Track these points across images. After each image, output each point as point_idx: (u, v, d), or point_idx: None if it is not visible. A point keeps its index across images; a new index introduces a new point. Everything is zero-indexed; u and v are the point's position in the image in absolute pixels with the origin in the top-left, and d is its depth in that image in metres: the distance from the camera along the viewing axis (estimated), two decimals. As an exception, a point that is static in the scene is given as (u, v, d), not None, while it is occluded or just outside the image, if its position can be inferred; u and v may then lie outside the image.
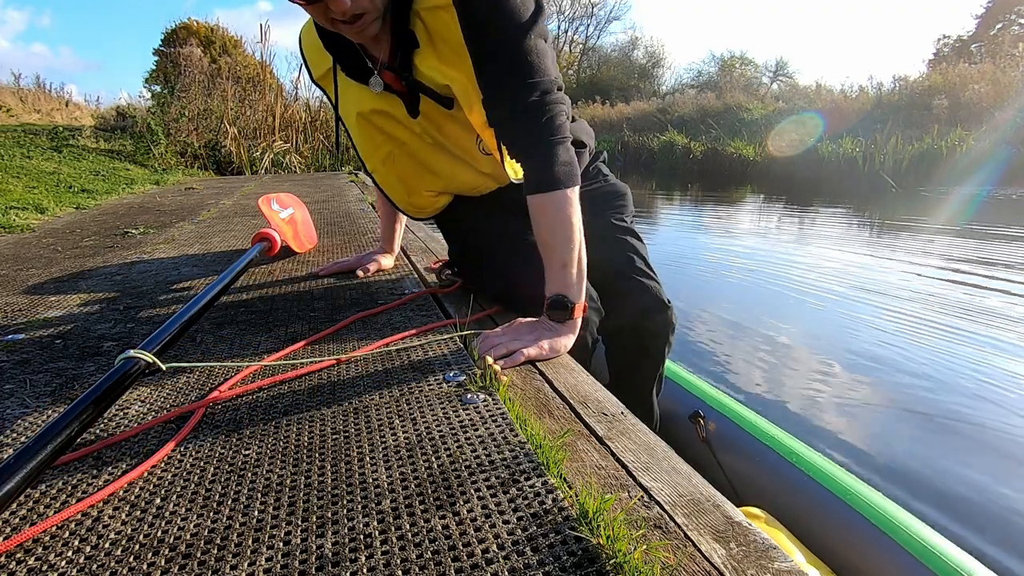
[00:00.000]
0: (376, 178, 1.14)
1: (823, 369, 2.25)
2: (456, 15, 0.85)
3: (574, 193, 0.88)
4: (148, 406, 0.75)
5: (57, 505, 0.55)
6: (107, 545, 0.49)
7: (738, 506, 0.53)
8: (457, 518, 0.50)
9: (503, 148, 0.95)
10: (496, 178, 1.08)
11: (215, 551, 0.48)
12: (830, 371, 2.23)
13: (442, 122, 1.00)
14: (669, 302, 1.18)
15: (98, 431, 0.68)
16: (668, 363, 1.37)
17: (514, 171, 1.03)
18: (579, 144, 1.13)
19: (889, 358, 2.34)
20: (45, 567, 0.47)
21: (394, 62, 0.93)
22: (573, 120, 1.13)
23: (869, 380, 2.15)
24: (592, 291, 1.04)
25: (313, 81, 1.12)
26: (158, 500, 0.55)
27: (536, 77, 0.86)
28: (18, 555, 0.48)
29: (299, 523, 0.51)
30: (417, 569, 0.45)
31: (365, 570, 0.45)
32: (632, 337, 1.20)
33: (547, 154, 0.87)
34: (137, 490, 0.57)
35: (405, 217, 1.39)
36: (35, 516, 0.53)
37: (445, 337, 0.93)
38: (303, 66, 1.12)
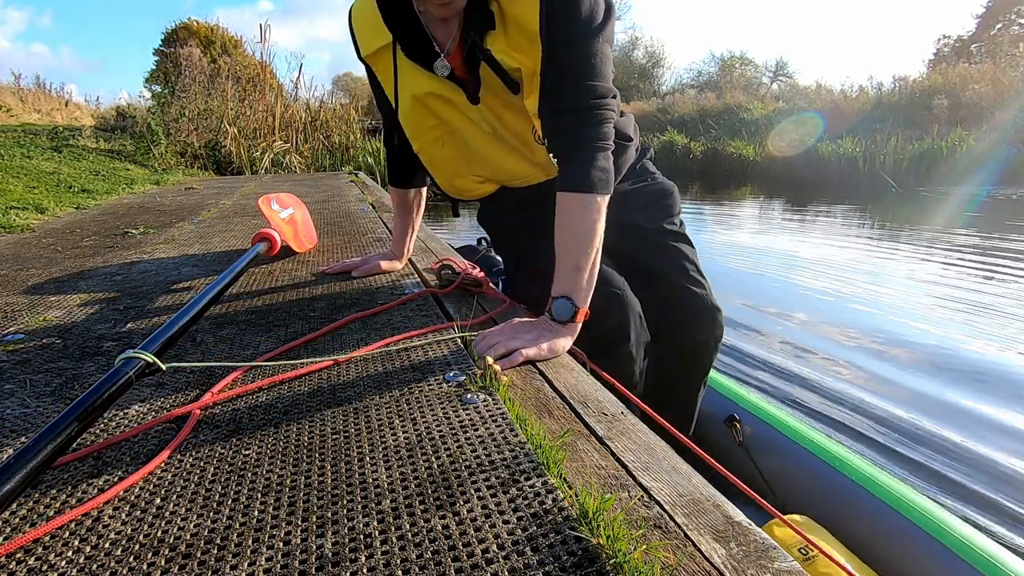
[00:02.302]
0: (422, 157, 1.14)
1: (857, 371, 2.26)
2: (539, 4, 0.86)
3: (604, 201, 0.89)
4: (148, 406, 0.75)
5: (57, 506, 0.55)
6: (107, 545, 0.49)
7: (779, 509, 0.53)
8: (457, 518, 0.50)
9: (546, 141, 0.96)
10: (546, 169, 1.08)
11: (215, 551, 0.48)
12: (863, 373, 2.24)
13: (501, 110, 1.01)
14: (719, 308, 1.20)
15: (98, 431, 0.68)
16: None
17: None
18: (625, 138, 1.14)
19: (922, 357, 2.36)
20: (45, 567, 0.47)
21: (465, 43, 0.94)
22: (621, 115, 1.14)
23: (902, 380, 2.17)
24: (639, 308, 1.05)
25: (360, 58, 1.10)
26: (158, 500, 0.55)
27: (596, 81, 0.88)
28: (18, 555, 0.48)
29: (299, 523, 0.51)
30: (417, 569, 0.45)
31: (365, 570, 0.45)
32: (683, 347, 1.21)
33: (587, 157, 0.89)
34: (137, 490, 0.57)
35: (418, 223, 1.39)
36: (35, 516, 0.53)
37: (445, 338, 0.93)
38: (352, 42, 1.10)
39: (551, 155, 0.96)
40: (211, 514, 0.52)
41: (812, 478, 1.19)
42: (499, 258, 1.76)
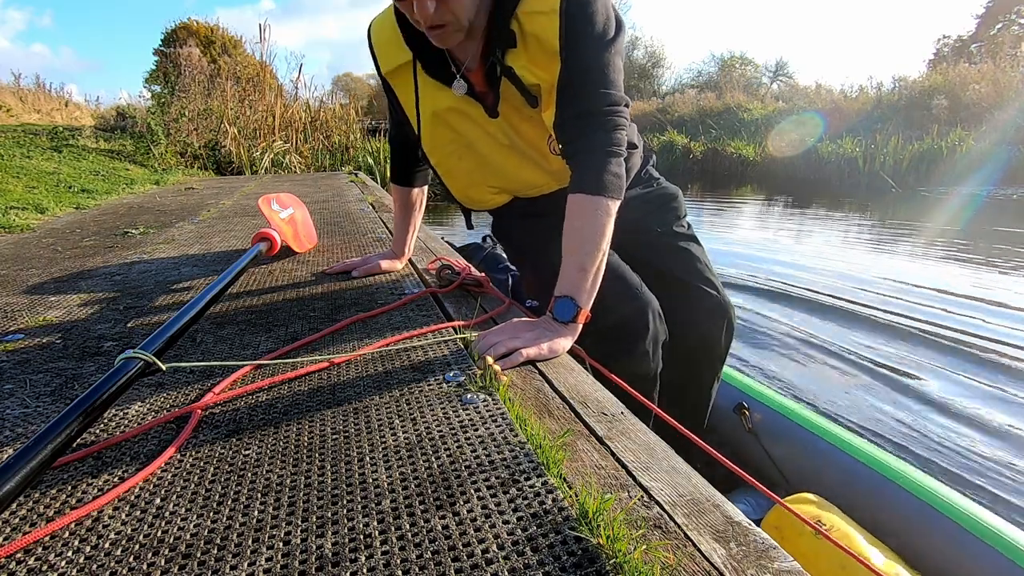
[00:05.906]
0: (439, 170, 1.16)
1: (857, 359, 2.32)
2: (559, 22, 0.90)
3: (614, 206, 0.91)
4: (148, 406, 0.75)
5: (57, 506, 0.55)
6: (107, 545, 0.49)
7: (788, 492, 0.53)
8: (457, 518, 0.50)
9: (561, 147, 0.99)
10: (559, 178, 1.10)
11: (215, 551, 0.48)
12: (863, 361, 2.30)
13: (519, 122, 1.04)
14: (731, 305, 1.23)
15: (98, 431, 0.68)
16: None
17: None
18: (631, 145, 1.17)
19: (920, 344, 2.42)
20: (45, 567, 0.47)
21: (486, 61, 0.97)
22: None
23: (901, 365, 2.23)
24: (659, 308, 1.07)
25: (380, 75, 1.13)
26: (158, 500, 0.55)
27: (609, 89, 0.92)
28: (18, 555, 0.48)
29: (299, 523, 0.51)
30: (417, 569, 0.45)
31: (365, 570, 0.45)
32: (697, 344, 1.23)
33: (600, 161, 0.91)
34: (137, 490, 0.57)
35: (419, 222, 1.40)
36: (35, 516, 0.53)
37: (446, 338, 0.93)
38: (371, 58, 1.12)
39: (565, 161, 0.98)
40: (211, 514, 0.52)
41: (820, 460, 1.24)
42: (504, 255, 1.79)
